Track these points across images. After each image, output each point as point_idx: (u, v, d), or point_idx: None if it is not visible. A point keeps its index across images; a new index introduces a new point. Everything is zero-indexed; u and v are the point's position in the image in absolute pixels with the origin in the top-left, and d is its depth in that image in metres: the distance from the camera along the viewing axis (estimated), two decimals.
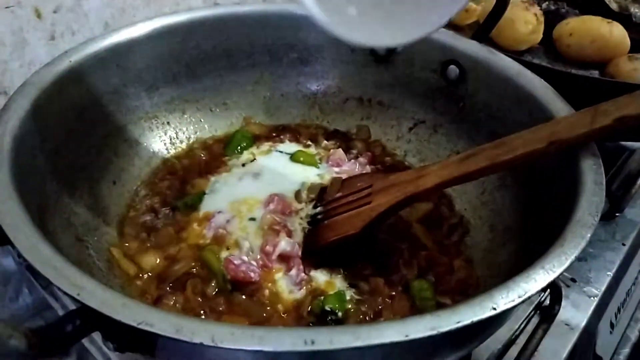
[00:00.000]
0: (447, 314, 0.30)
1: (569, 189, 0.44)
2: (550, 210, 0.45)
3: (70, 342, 0.30)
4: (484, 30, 0.67)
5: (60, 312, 0.50)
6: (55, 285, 0.30)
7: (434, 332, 0.29)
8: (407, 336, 0.29)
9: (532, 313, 0.60)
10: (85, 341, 0.52)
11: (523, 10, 0.76)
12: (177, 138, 0.67)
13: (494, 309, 0.31)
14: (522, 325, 0.58)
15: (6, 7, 0.63)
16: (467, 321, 0.30)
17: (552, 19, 0.79)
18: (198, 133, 0.68)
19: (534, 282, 0.33)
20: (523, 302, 0.32)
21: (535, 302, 0.60)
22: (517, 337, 0.57)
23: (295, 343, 0.28)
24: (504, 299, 0.32)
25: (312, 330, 0.28)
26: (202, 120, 0.69)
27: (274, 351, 0.28)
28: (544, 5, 0.82)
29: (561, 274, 0.34)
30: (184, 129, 0.67)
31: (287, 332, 0.29)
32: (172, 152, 0.66)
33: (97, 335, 0.31)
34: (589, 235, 0.37)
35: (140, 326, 0.28)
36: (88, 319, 0.30)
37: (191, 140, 0.67)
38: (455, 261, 0.54)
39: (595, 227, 0.38)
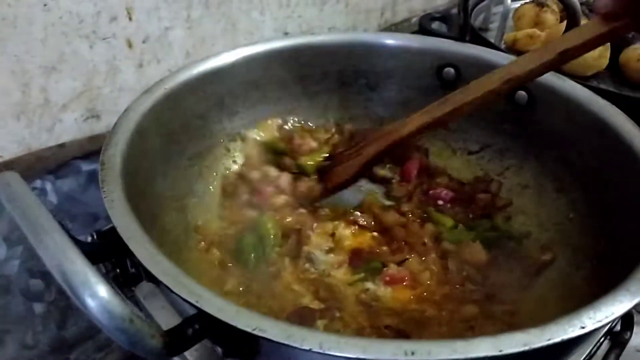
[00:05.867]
0: (538, 332, 0.32)
1: None
2: (626, 231, 0.46)
3: (190, 344, 0.33)
4: None
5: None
6: (175, 293, 0.34)
7: (526, 348, 0.31)
8: (501, 351, 0.31)
9: (603, 339, 0.59)
10: None
11: None
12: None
13: (583, 327, 0.32)
14: (593, 351, 0.58)
15: (103, 39, 0.69)
16: (557, 339, 0.32)
17: (618, 44, 0.80)
18: None
19: (620, 303, 0.34)
20: (610, 322, 0.33)
21: (607, 328, 0.60)
22: None
23: (396, 353, 0.30)
24: (591, 319, 0.33)
25: (411, 343, 0.31)
26: None
27: (376, 359, 0.30)
28: None
29: None
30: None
31: (388, 343, 0.31)
32: None
33: None
34: None
35: (254, 332, 0.31)
36: (205, 324, 0.33)
37: None
38: None
39: None
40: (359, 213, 0.63)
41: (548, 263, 0.56)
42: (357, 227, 0.61)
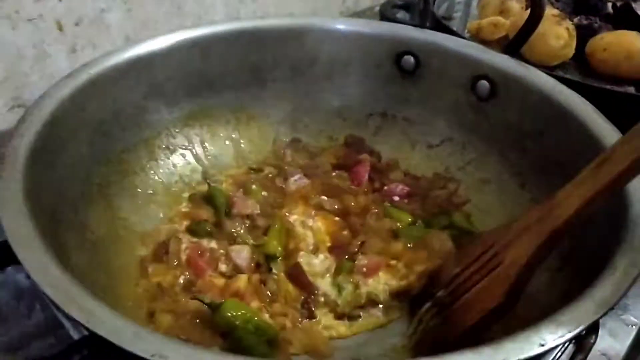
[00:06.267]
0: (490, 351, 0.27)
1: (612, 211, 0.41)
2: (596, 236, 0.42)
3: None
4: (515, 44, 0.64)
5: (73, 332, 0.48)
6: (62, 310, 0.28)
7: None
8: None
9: (567, 343, 0.56)
10: None
11: (555, 25, 0.73)
12: (198, 153, 0.65)
13: (542, 345, 0.28)
14: (557, 356, 0.55)
15: (28, 20, 0.62)
16: (512, 359, 0.27)
17: (584, 34, 0.76)
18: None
19: (585, 315, 0.30)
20: (573, 338, 0.29)
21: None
22: None
23: None
24: (552, 335, 0.29)
25: None
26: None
27: None
28: (576, 19, 0.79)
29: (615, 305, 0.31)
30: (207, 144, 0.66)
31: None
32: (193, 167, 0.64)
33: None
34: None
35: (153, 358, 0.26)
36: (97, 348, 0.28)
37: None
38: None
39: None
40: (325, 197, 0.59)
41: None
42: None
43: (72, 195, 0.49)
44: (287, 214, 0.57)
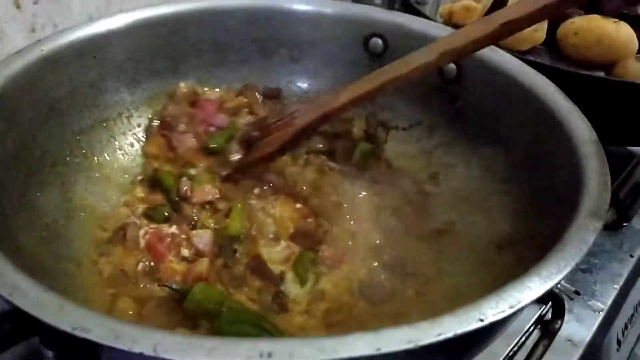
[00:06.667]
0: (427, 325, 0.27)
1: (571, 191, 0.40)
2: (551, 215, 0.42)
3: (2, 347, 0.26)
4: None
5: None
6: None
7: (411, 346, 0.26)
8: (379, 350, 0.25)
9: (532, 328, 0.56)
10: None
11: None
12: None
13: (481, 320, 0.27)
14: (522, 341, 0.55)
15: None
16: (449, 333, 0.26)
17: (555, 18, 0.76)
18: None
19: (529, 290, 0.29)
20: (515, 313, 0.28)
21: (536, 316, 0.56)
22: (515, 353, 0.53)
23: (250, 355, 0.24)
24: (493, 310, 0.28)
25: (269, 342, 0.25)
26: None
27: None
28: None
29: (560, 282, 0.31)
30: None
31: (241, 343, 0.25)
32: None
33: None
34: (592, 239, 0.34)
35: (74, 332, 0.25)
36: (22, 322, 0.27)
37: None
38: None
39: (599, 231, 0.34)
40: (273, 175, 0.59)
41: None
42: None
43: (22, 174, 0.47)
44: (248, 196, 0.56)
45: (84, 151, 0.56)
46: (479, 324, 0.27)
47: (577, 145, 0.44)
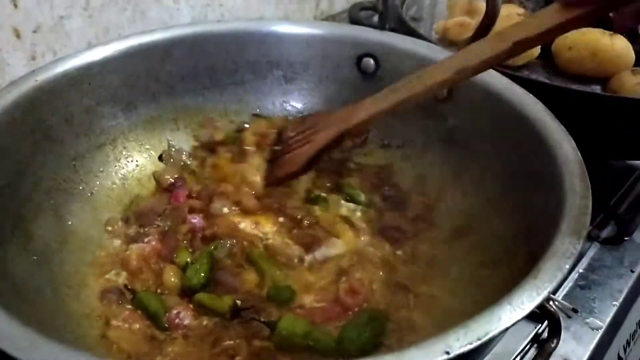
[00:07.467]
0: (393, 358, 0.27)
1: (553, 215, 0.40)
2: (531, 240, 0.41)
3: None
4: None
5: None
6: None
7: None
8: None
9: (528, 347, 0.55)
10: None
11: None
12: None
13: (447, 353, 0.27)
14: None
15: None
16: None
17: None
18: None
19: (498, 321, 0.29)
20: (483, 344, 0.28)
21: (532, 335, 0.56)
22: None
23: None
24: (459, 342, 0.28)
25: None
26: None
27: None
28: None
29: (531, 311, 0.30)
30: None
31: None
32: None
33: None
34: (567, 266, 0.33)
35: None
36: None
37: None
38: None
39: (575, 257, 0.34)
40: None
41: None
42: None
43: (16, 203, 0.48)
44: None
45: (79, 176, 0.57)
46: (444, 357, 0.27)
47: (560, 166, 0.44)
